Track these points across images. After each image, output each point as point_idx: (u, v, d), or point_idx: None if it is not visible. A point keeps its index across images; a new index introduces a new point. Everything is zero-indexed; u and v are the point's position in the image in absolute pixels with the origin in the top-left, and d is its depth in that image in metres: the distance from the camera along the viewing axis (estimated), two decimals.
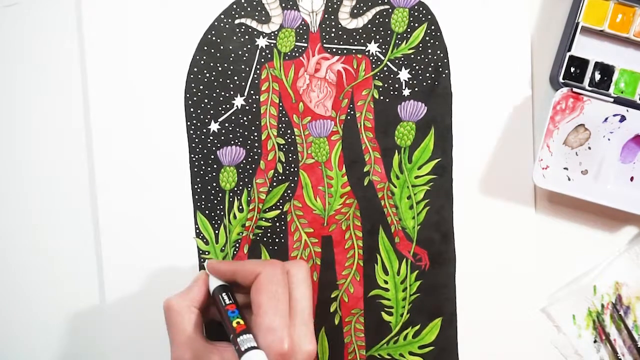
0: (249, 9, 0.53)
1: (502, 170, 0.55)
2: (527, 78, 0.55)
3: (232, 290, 0.47)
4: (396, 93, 0.55)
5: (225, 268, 0.46)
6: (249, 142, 0.54)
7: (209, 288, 0.47)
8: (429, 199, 0.55)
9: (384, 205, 0.55)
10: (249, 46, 0.54)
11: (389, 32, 0.54)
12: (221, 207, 0.54)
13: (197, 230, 0.54)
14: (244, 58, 0.54)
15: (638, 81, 0.52)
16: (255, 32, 0.54)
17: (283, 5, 0.54)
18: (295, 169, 0.55)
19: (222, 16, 0.53)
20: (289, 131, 0.54)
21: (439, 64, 0.55)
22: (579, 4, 0.52)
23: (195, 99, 0.54)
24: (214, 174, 0.54)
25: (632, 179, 0.54)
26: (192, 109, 0.54)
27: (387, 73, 0.54)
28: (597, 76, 0.52)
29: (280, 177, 0.55)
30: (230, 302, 0.45)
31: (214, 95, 0.54)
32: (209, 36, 0.53)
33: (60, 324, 0.55)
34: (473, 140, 0.55)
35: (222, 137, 0.54)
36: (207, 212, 0.54)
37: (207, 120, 0.54)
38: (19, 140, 0.54)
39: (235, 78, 0.54)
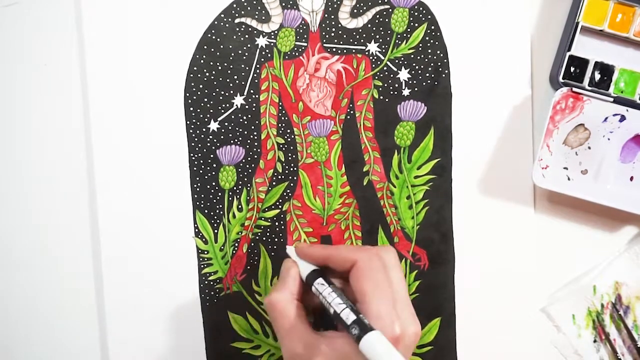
0: (249, 8, 0.54)
1: (502, 170, 0.55)
2: (527, 78, 0.54)
3: (326, 274, 0.46)
4: (396, 93, 0.55)
5: (318, 253, 0.46)
6: (249, 141, 0.54)
7: (300, 275, 0.47)
8: (429, 198, 0.55)
9: (383, 205, 0.55)
10: (248, 45, 0.54)
11: (389, 32, 0.54)
12: (220, 206, 0.54)
13: (197, 230, 0.54)
14: (244, 57, 0.54)
15: (638, 81, 0.52)
16: (255, 32, 0.54)
17: (283, 4, 0.54)
18: (295, 169, 0.55)
19: (222, 15, 0.53)
20: (288, 131, 0.54)
21: (439, 64, 0.55)
22: (579, 4, 0.52)
23: (195, 98, 0.54)
24: (214, 173, 0.54)
25: (632, 178, 0.54)
26: (191, 108, 0.54)
27: (387, 73, 0.54)
28: (597, 76, 0.52)
29: (279, 177, 0.55)
30: (332, 288, 0.44)
31: (214, 94, 0.54)
32: (209, 35, 0.53)
33: (60, 323, 0.55)
34: (473, 140, 0.55)
35: (222, 137, 0.54)
36: (206, 211, 0.54)
37: (206, 120, 0.54)
38: (19, 140, 0.54)
39: (235, 77, 0.54)
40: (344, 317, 0.42)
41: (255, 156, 0.54)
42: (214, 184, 0.54)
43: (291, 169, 0.55)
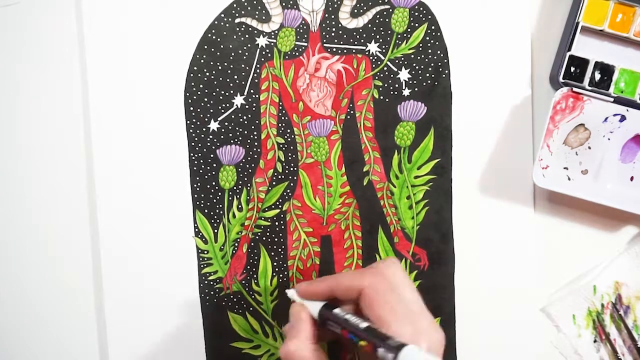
0: (249, 8, 0.54)
1: (502, 170, 0.55)
2: (527, 78, 0.54)
3: (336, 305, 0.44)
4: (396, 93, 0.55)
5: (322, 289, 0.44)
6: (249, 141, 0.54)
7: (311, 316, 0.44)
8: (429, 199, 0.55)
9: (383, 205, 0.55)
10: (249, 45, 0.54)
11: (389, 32, 0.54)
12: (220, 206, 0.54)
13: (196, 229, 0.54)
14: (244, 57, 0.54)
15: (638, 81, 0.52)
16: (256, 31, 0.54)
17: (283, 4, 0.54)
18: (295, 169, 0.55)
19: (223, 15, 0.53)
20: (288, 130, 0.54)
21: (439, 64, 0.55)
22: (579, 4, 0.52)
23: (195, 97, 0.54)
24: (214, 173, 0.54)
25: (632, 178, 0.54)
26: (192, 108, 0.54)
27: (387, 73, 0.55)
28: (597, 76, 0.52)
29: (279, 177, 0.55)
30: (350, 315, 0.42)
31: (214, 94, 0.54)
32: (209, 35, 0.53)
33: (59, 323, 0.55)
34: (473, 140, 0.55)
35: (222, 136, 0.54)
36: (206, 211, 0.54)
37: (206, 119, 0.54)
38: (19, 140, 0.54)
39: (235, 77, 0.54)
40: (375, 335, 0.40)
41: (255, 156, 0.54)
42: (214, 183, 0.54)
43: (291, 169, 0.55)
